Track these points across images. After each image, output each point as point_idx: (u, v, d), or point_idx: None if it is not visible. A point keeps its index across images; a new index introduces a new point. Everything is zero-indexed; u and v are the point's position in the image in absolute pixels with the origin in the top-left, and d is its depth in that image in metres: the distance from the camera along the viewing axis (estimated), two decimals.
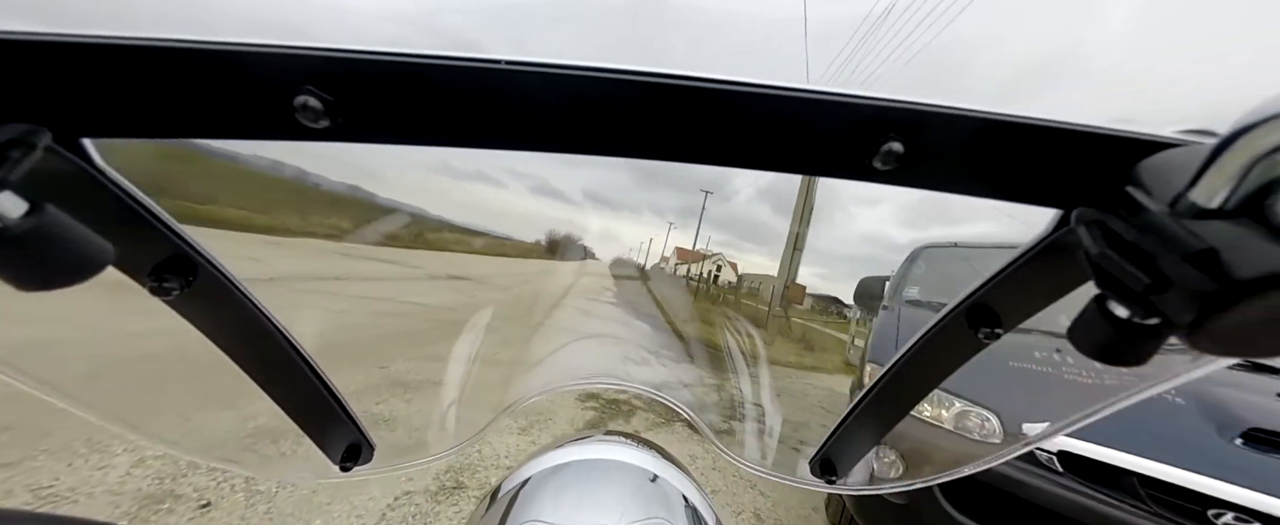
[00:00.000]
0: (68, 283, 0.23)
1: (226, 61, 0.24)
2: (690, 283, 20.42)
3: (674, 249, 39.27)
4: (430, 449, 0.71)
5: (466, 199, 2.25)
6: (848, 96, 0.26)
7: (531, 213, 3.26)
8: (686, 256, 34.89)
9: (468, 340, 1.07)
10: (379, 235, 1.56)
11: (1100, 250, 0.24)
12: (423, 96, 0.26)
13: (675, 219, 19.01)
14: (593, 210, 7.08)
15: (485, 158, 0.30)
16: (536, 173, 3.09)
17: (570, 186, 4.27)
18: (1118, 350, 0.25)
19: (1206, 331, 0.20)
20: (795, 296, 15.92)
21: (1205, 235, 0.19)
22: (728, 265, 36.62)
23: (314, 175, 0.89)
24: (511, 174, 2.76)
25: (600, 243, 9.71)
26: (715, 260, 35.23)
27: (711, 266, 32.51)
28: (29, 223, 0.21)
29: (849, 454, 0.63)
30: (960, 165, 0.28)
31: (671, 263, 37.10)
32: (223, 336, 0.45)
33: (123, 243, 0.28)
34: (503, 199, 3.15)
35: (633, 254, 8.51)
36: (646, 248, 21.90)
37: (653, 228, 32.90)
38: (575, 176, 4.61)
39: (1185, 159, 0.22)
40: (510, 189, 2.89)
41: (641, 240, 16.01)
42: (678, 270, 25.38)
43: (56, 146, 0.26)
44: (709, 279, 19.38)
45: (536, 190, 3.18)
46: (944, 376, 0.50)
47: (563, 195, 3.87)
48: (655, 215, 24.46)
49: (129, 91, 0.24)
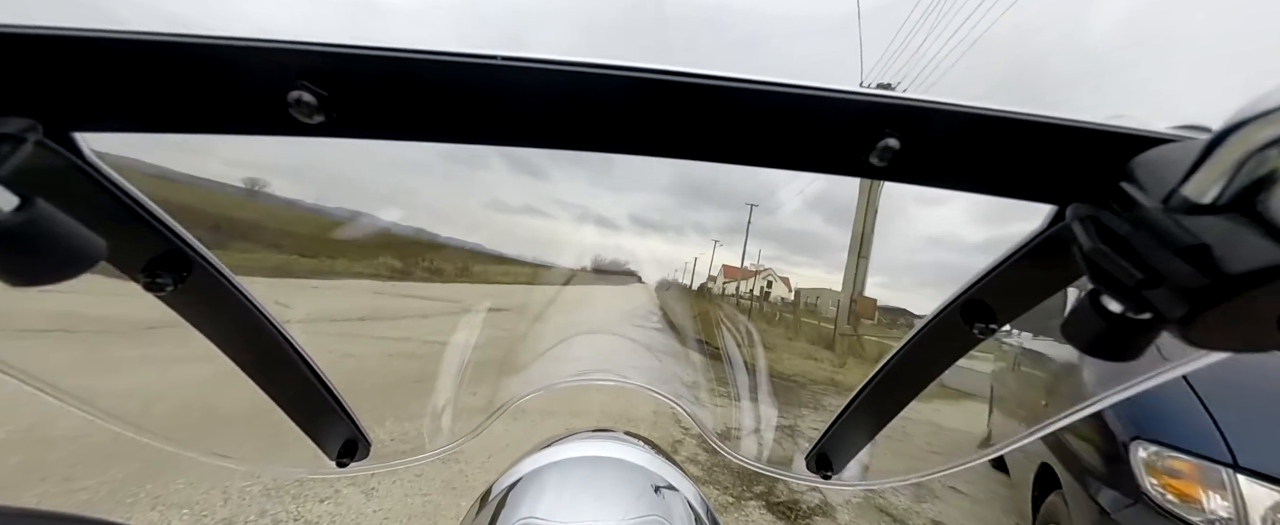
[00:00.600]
0: (59, 278, 0.23)
1: (220, 56, 0.24)
2: (740, 301, 19.76)
3: (721, 267, 38.63)
4: (428, 446, 0.71)
5: (515, 230, 2.24)
6: (844, 93, 0.26)
7: (577, 240, 3.25)
8: (733, 274, 34.36)
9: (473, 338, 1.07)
10: (421, 271, 1.54)
11: (1094, 245, 0.24)
12: (418, 92, 0.26)
13: (720, 236, 18.89)
14: (637, 234, 7.08)
15: (533, 191, 0.30)
16: (580, 203, 3.09)
17: (616, 213, 4.25)
18: (1110, 345, 0.25)
19: (1198, 326, 0.20)
20: (865, 311, 14.94)
21: (1198, 230, 0.19)
22: (779, 280, 35.83)
23: (356, 212, 0.89)
24: (559, 204, 2.75)
25: (647, 266, 9.78)
26: (765, 276, 34.47)
27: (762, 283, 31.81)
28: (19, 217, 0.20)
29: (845, 449, 0.64)
30: (956, 161, 0.28)
31: (719, 281, 36.52)
32: (217, 333, 0.45)
33: (115, 238, 0.28)
34: (550, 228, 3.16)
35: (678, 275, 8.45)
36: (692, 267, 21.32)
37: (698, 246, 32.23)
38: (620, 203, 4.57)
39: (1179, 155, 0.22)
40: (558, 218, 2.88)
41: (687, 260, 16.22)
42: (726, 288, 25.10)
43: (47, 141, 0.25)
44: (760, 297, 18.87)
45: (581, 218, 3.17)
46: (939, 372, 0.51)
47: (609, 222, 3.85)
48: (699, 234, 24.21)
49: (121, 85, 0.24)
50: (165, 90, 0.24)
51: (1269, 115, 0.17)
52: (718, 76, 0.26)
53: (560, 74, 0.25)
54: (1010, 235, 0.35)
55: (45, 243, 0.22)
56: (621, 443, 0.68)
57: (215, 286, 0.40)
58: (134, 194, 0.32)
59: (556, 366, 1.22)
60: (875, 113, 0.26)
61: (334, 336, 4.22)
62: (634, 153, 0.29)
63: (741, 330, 1.74)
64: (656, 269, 10.43)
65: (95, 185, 0.30)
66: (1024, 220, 0.33)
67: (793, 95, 0.26)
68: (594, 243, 9.23)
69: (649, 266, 9.16)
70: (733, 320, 3.24)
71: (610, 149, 0.29)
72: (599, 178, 36.30)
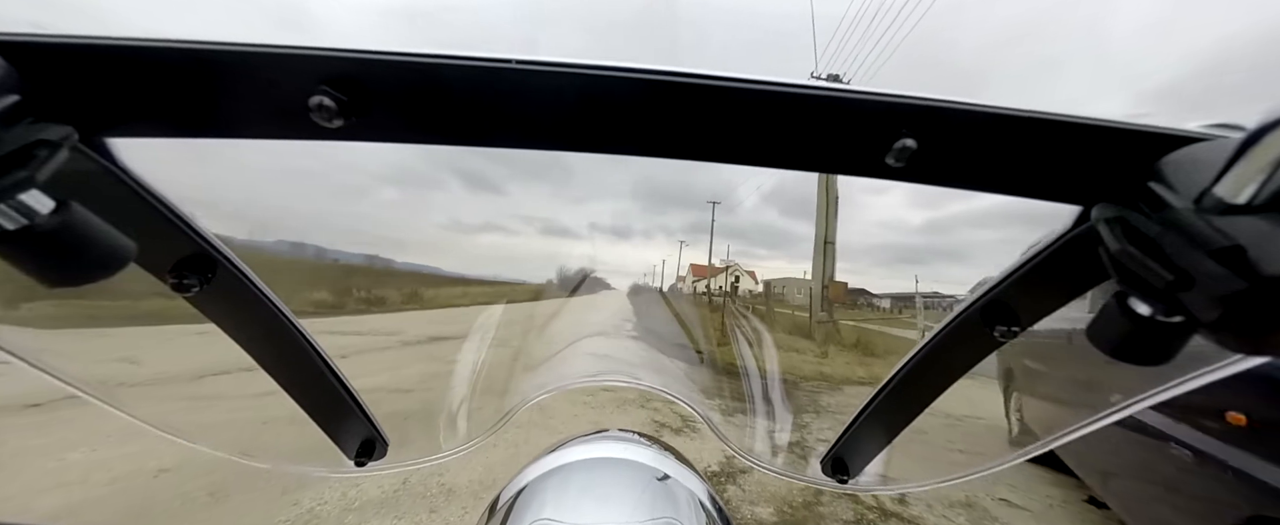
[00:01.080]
0: (91, 279, 0.24)
1: (244, 63, 0.24)
2: (711, 298, 19.29)
3: (688, 267, 38.71)
4: (444, 446, 0.71)
5: (476, 251, 2.19)
6: (860, 93, 0.26)
7: (542, 253, 3.15)
8: (701, 272, 34.25)
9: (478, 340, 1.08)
10: (359, 303, 1.51)
11: (1122, 247, 0.23)
12: (435, 96, 0.26)
13: (686, 237, 18.84)
14: (604, 242, 6.98)
15: (493, 207, 0.30)
16: (542, 216, 3.04)
17: (576, 222, 4.23)
18: (1139, 348, 0.25)
19: (1234, 329, 0.19)
20: (837, 295, 14.67)
21: (1232, 231, 0.19)
22: (745, 274, 35.53)
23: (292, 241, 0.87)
24: (521, 220, 2.74)
25: (614, 274, 9.50)
26: (732, 271, 34.36)
27: (730, 278, 31.61)
28: (55, 220, 0.21)
29: (862, 453, 0.63)
30: (975, 161, 0.28)
31: (688, 281, 36.42)
32: (241, 333, 0.46)
33: (144, 240, 0.29)
34: (512, 244, 3.09)
35: (648, 279, 8.24)
36: (661, 269, 21.11)
37: (665, 249, 32.35)
38: (582, 212, 4.51)
39: (1211, 154, 0.22)
40: (521, 234, 2.85)
41: (655, 263, 15.92)
42: (696, 287, 24.73)
43: (81, 146, 0.26)
44: (729, 291, 18.72)
45: (546, 231, 3.13)
46: (958, 376, 0.50)
47: (571, 232, 3.80)
48: (666, 236, 24.29)
49: (150, 92, 0.25)
50: (193, 97, 0.25)
51: None
52: (732, 78, 0.26)
53: (575, 77, 0.25)
54: (945, 215, 0.34)
55: (79, 245, 0.22)
56: (630, 443, 0.68)
57: (239, 288, 0.41)
58: (162, 197, 0.33)
59: (563, 369, 1.23)
60: (891, 113, 0.26)
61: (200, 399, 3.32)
62: (648, 154, 0.29)
63: (716, 329, 1.73)
64: (625, 276, 10.42)
65: (126, 189, 0.31)
66: (963, 200, 0.32)
67: (808, 96, 0.26)
68: (558, 254, 9.16)
69: (618, 275, 8.92)
70: (706, 319, 3.13)
71: (625, 150, 0.29)
72: (559, 190, 36.23)
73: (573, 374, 1.01)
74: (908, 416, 0.56)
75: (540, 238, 6.43)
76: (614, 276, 8.50)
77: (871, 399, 0.55)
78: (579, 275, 3.14)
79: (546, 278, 3.19)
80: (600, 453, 0.63)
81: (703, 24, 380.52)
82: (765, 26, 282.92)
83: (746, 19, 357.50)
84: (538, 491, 0.55)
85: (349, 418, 0.58)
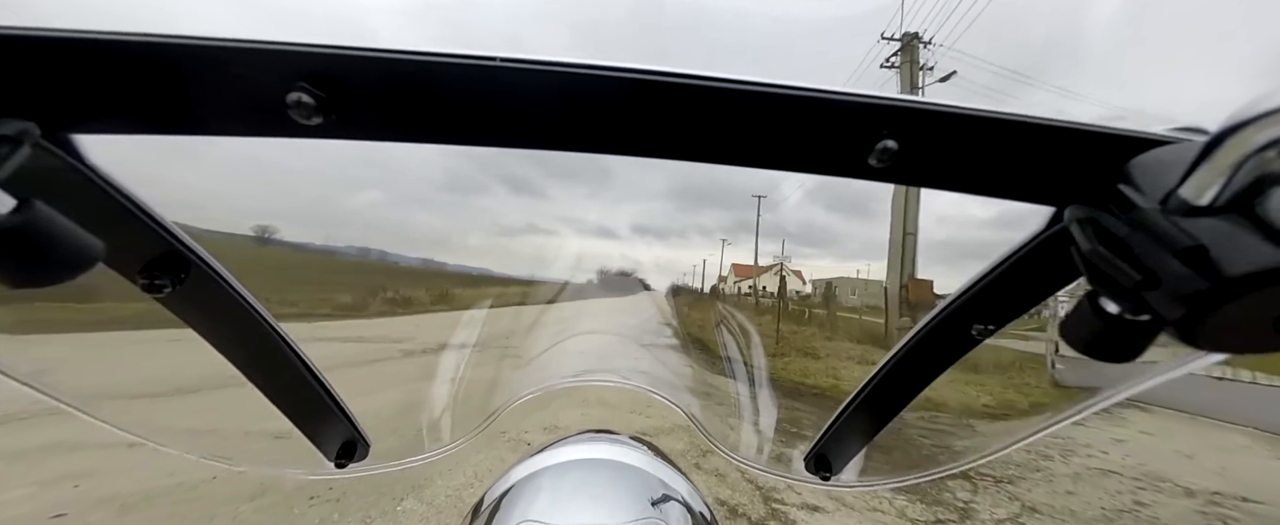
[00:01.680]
0: (56, 280, 0.23)
1: (218, 57, 0.23)
2: (759, 301, 17.08)
3: (730, 266, 37.38)
4: (428, 447, 0.71)
5: (519, 250, 2.09)
6: (843, 95, 0.26)
7: (582, 253, 2.99)
8: (745, 272, 33.08)
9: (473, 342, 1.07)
10: (390, 303, 1.44)
11: (1092, 247, 0.24)
12: (417, 94, 0.26)
13: (727, 235, 18.38)
14: (641, 243, 6.67)
15: (536, 209, 0.29)
16: (583, 217, 2.94)
17: (618, 223, 4.06)
18: (1109, 346, 0.26)
19: (1197, 328, 0.20)
20: (921, 295, 11.84)
21: (1196, 232, 0.19)
22: (793, 273, 33.68)
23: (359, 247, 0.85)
24: (562, 221, 2.67)
25: (653, 273, 8.83)
26: (775, 271, 32.29)
27: (774, 277, 29.41)
28: (16, 219, 0.20)
29: (844, 450, 0.64)
30: (954, 163, 0.29)
31: (730, 281, 35.37)
32: (216, 334, 0.45)
33: (113, 239, 0.28)
34: (553, 244, 2.92)
35: (687, 279, 7.63)
36: (702, 269, 20.08)
37: (704, 249, 31.96)
38: (621, 212, 4.35)
39: (1175, 156, 0.23)
40: (561, 234, 2.74)
41: (696, 263, 14.87)
42: (739, 288, 23.31)
43: (45, 142, 0.25)
44: (777, 294, 17.24)
45: (584, 231, 2.99)
46: (938, 373, 0.51)
47: (612, 232, 3.66)
48: (702, 236, 23.85)
49: (118, 87, 0.24)
50: (163, 92, 0.24)
51: (1266, 117, 0.17)
52: (716, 78, 0.26)
53: (559, 75, 0.25)
54: (1024, 207, 0.33)
55: (43, 244, 0.22)
56: (618, 444, 0.67)
57: (213, 288, 0.40)
58: (132, 195, 0.32)
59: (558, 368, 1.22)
60: (873, 114, 0.27)
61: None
62: (632, 154, 0.29)
63: (752, 335, 1.70)
64: (664, 276, 9.97)
65: (93, 187, 0.30)
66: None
67: (791, 97, 0.26)
68: (598, 253, 8.89)
69: (656, 274, 8.39)
70: (749, 325, 2.98)
71: (609, 150, 0.29)
72: (597, 191, 36.07)
73: (559, 374, 1.00)
74: (888, 414, 0.57)
75: (578, 238, 6.15)
76: (651, 275, 8.04)
77: (853, 397, 0.56)
78: (619, 276, 3.07)
79: (585, 277, 3.06)
80: (586, 453, 0.62)
81: (690, 25, 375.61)
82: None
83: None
84: (522, 492, 0.54)
85: (329, 419, 0.57)
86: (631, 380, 0.97)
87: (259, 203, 10.25)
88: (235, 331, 0.45)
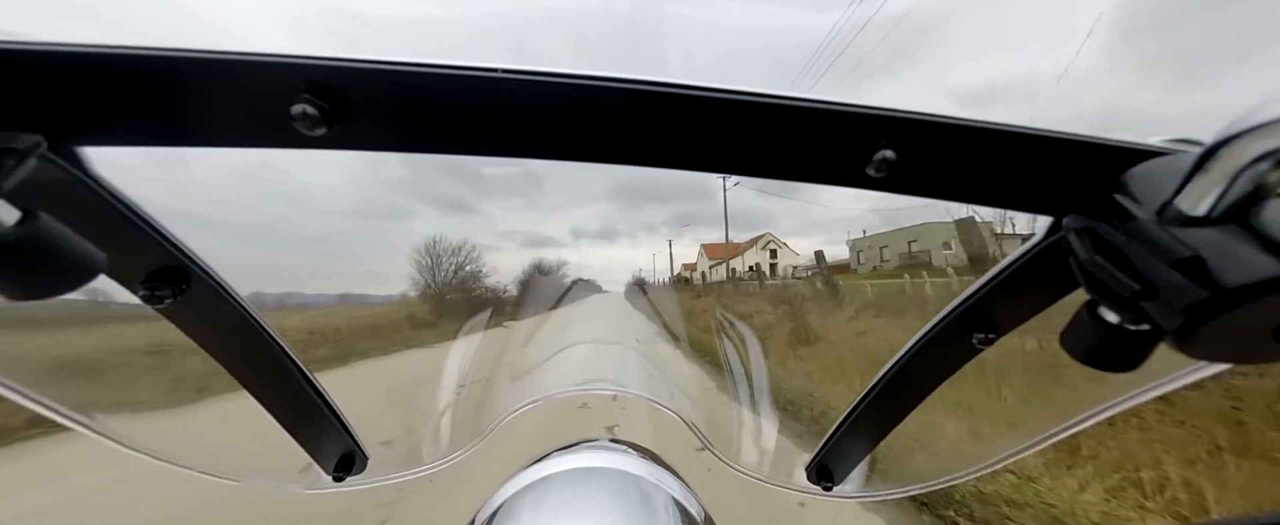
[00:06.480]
0: (59, 291, 0.23)
1: (223, 69, 0.24)
2: (750, 286, 14.38)
3: (700, 248, 34.04)
4: (426, 459, 0.70)
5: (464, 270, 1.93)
6: (841, 105, 0.26)
7: (524, 264, 2.84)
8: (719, 253, 29.72)
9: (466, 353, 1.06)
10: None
11: (1090, 257, 0.24)
12: (421, 105, 0.26)
13: (669, 233, 18.06)
14: (588, 247, 6.44)
15: (473, 227, 0.28)
16: (523, 229, 2.82)
17: (560, 231, 3.93)
18: (1108, 355, 0.26)
19: (1195, 337, 0.20)
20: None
21: (1192, 243, 0.19)
22: (782, 246, 29.64)
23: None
24: (502, 236, 2.58)
25: (605, 275, 8.36)
26: (764, 243, 28.69)
27: (764, 254, 26.08)
28: (21, 231, 0.20)
29: (845, 460, 0.63)
30: (953, 173, 0.29)
31: (702, 265, 32.04)
32: (215, 345, 0.45)
33: (115, 251, 0.28)
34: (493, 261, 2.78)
35: (648, 276, 7.18)
36: (653, 264, 19.14)
37: (651, 246, 31.56)
38: (564, 219, 4.25)
39: (1172, 167, 0.23)
40: (503, 250, 2.63)
41: (646, 260, 14.44)
42: (713, 273, 20.76)
43: (50, 155, 0.26)
44: (766, 272, 14.85)
45: (528, 242, 2.89)
46: (939, 382, 0.50)
47: (553, 240, 3.56)
48: (647, 233, 23.34)
49: (124, 100, 0.24)
50: (168, 104, 0.25)
51: (1261, 129, 0.18)
52: (716, 89, 0.26)
53: (560, 86, 0.26)
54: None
55: (46, 256, 0.22)
56: (614, 452, 0.66)
57: (214, 299, 0.40)
58: (136, 207, 0.33)
59: (552, 378, 1.21)
60: (871, 125, 0.27)
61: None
62: (633, 164, 0.29)
63: (744, 333, 1.67)
64: (618, 276, 9.71)
65: (97, 199, 0.30)
66: None
67: (790, 107, 0.26)
68: (548, 263, 8.65)
69: (608, 275, 8.20)
70: (737, 322, 2.91)
71: (609, 160, 0.29)
72: (534, 200, 35.50)
73: (555, 384, 0.99)
74: (890, 423, 0.57)
75: (521, 251, 6.01)
76: (603, 277, 7.93)
77: (854, 406, 0.56)
78: (576, 282, 3.03)
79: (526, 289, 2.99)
80: (582, 463, 0.62)
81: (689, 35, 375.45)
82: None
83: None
84: (515, 508, 0.54)
85: (327, 432, 0.56)
86: (631, 388, 0.96)
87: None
88: (235, 343, 0.45)
